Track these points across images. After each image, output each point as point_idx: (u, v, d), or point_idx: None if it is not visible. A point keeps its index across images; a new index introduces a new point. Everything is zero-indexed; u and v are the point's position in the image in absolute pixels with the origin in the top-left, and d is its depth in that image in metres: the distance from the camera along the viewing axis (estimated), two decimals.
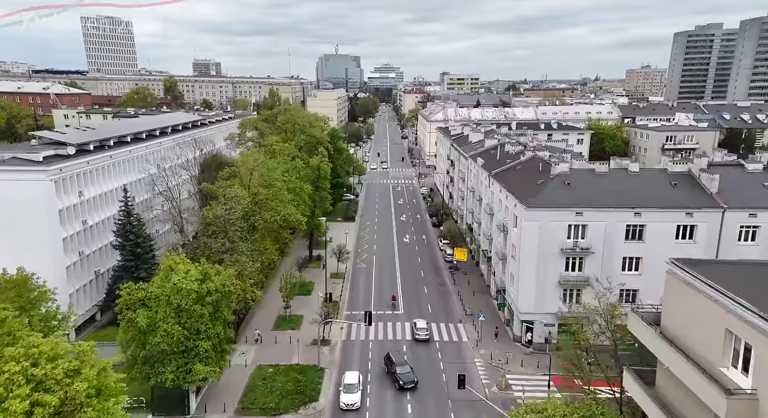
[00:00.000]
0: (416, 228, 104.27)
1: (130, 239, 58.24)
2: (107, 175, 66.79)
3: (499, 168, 71.60)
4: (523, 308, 56.09)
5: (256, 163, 63.47)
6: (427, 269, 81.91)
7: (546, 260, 54.11)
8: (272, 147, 78.46)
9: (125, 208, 58.80)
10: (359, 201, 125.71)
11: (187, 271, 42.28)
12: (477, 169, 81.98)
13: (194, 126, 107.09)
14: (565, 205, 53.38)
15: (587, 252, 53.38)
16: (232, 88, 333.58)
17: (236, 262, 53.03)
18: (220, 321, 44.30)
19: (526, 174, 64.49)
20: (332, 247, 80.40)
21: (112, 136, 74.05)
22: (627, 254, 53.34)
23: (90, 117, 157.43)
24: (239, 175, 63.65)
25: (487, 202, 73.43)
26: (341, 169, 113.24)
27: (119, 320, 42.21)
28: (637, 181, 56.40)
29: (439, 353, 56.09)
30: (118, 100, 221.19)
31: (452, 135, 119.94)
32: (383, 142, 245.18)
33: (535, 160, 67.77)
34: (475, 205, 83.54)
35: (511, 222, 59.91)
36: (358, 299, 70.08)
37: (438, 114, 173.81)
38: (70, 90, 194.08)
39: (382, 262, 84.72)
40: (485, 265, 75.50)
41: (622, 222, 52.71)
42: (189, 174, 70.57)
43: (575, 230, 53.61)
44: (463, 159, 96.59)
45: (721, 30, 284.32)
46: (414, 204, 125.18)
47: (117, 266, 59.55)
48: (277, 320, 63.05)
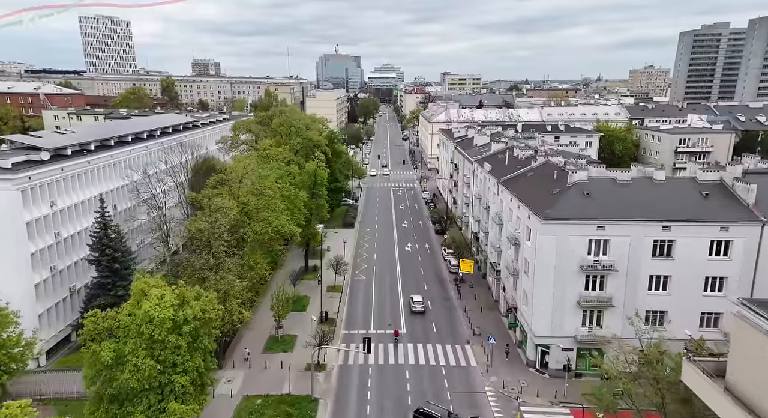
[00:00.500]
0: (418, 235, 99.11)
1: (107, 253, 53.06)
2: (85, 182, 61.64)
3: (509, 174, 66.46)
4: (538, 330, 50.91)
5: (246, 170, 58.26)
6: (430, 281, 76.72)
7: (564, 278, 48.97)
8: (265, 152, 73.25)
9: (101, 219, 53.62)
10: (359, 206, 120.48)
11: (161, 296, 37.12)
12: (484, 175, 76.83)
13: (185, 128, 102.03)
14: (585, 218, 48.22)
15: (609, 270, 48.20)
16: (231, 88, 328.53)
17: (221, 280, 47.93)
18: (199, 351, 39.13)
19: (539, 182, 59.33)
20: (329, 258, 75.28)
21: (94, 139, 68.92)
22: (654, 272, 48.17)
23: (81, 118, 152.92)
24: (227, 183, 58.48)
25: (495, 211, 68.26)
26: (340, 173, 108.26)
27: (83, 351, 37.09)
28: (663, 191, 51.22)
29: (446, 380, 50.89)
30: (113, 100, 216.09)
31: (456, 137, 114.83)
32: (383, 144, 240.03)
33: (548, 167, 62.64)
34: (481, 214, 78.38)
35: (523, 235, 54.74)
36: (356, 316, 64.87)
37: (440, 115, 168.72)
38: (62, 90, 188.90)
39: (382, 273, 79.55)
40: (493, 278, 70.34)
41: (649, 237, 47.55)
42: (175, 181, 65.39)
43: (596, 246, 48.45)
44: (468, 163, 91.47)
45: (728, 29, 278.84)
46: (416, 209, 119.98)
47: (92, 283, 54.38)
48: (268, 341, 57.86)
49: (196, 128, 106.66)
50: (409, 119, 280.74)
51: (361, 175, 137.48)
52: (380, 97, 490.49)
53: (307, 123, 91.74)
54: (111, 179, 67.07)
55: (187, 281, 48.14)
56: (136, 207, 68.86)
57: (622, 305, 48.74)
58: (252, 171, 59.16)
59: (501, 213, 65.38)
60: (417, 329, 61.55)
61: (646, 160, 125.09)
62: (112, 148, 70.04)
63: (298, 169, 73.48)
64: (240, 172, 58.13)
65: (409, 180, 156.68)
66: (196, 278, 47.91)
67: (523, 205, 54.33)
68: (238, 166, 59.02)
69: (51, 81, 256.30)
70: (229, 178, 58.35)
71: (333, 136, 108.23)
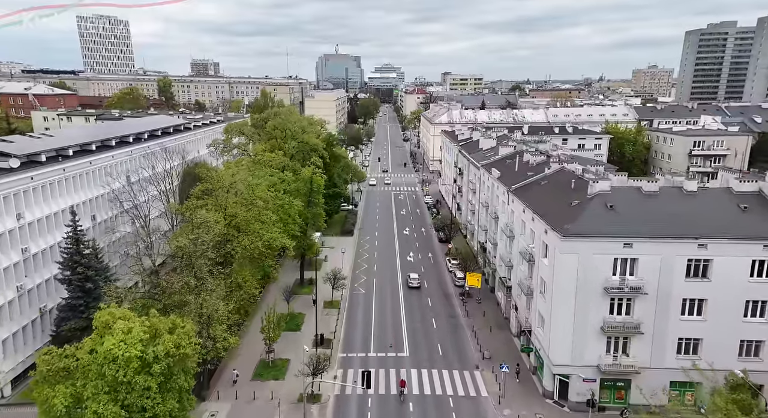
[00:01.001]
0: (421, 244, 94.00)
1: (79, 272, 47.96)
2: (59, 192, 56.53)
3: (520, 182, 61.33)
4: (557, 358, 45.79)
5: (234, 179, 53.13)
6: (434, 295, 71.62)
7: (586, 300, 43.88)
8: (258, 157, 68.15)
9: (73, 233, 48.52)
10: (358, 212, 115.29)
11: (128, 330, 32.09)
12: (492, 181, 71.71)
13: (176, 131, 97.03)
14: (610, 234, 43.11)
15: (638, 292, 43.10)
16: (229, 88, 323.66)
17: (204, 303, 42.85)
18: (173, 392, 34.09)
19: (554, 192, 54.22)
20: (326, 271, 70.16)
21: (72, 144, 63.94)
22: (688, 295, 43.09)
23: (71, 119, 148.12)
24: (214, 193, 53.37)
25: (505, 221, 63.13)
26: (338, 177, 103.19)
27: (34, 398, 32.02)
28: (696, 203, 46.11)
29: (454, 413, 45.76)
30: (108, 101, 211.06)
31: (460, 140, 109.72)
32: (384, 145, 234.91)
33: (564, 175, 57.56)
34: (489, 223, 73.26)
35: (539, 251, 49.63)
36: (355, 337, 59.70)
37: (442, 116, 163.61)
38: (54, 90, 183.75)
39: (383, 286, 74.42)
40: (502, 293, 65.24)
41: (683, 256, 42.45)
42: (159, 189, 60.37)
43: (623, 265, 43.40)
44: (474, 168, 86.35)
45: (735, 28, 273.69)
46: (418, 215, 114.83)
47: (63, 304, 49.24)
48: (258, 367, 52.71)
49: (188, 131, 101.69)
50: (410, 120, 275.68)
51: (360, 179, 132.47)
52: (380, 97, 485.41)
53: (303, 126, 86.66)
54: (89, 188, 61.97)
55: (166, 304, 43.28)
56: (117, 218, 63.99)
57: (651, 331, 43.68)
58: (241, 180, 53.96)
59: (512, 225, 60.25)
60: (421, 350, 56.46)
61: (657, 163, 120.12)
62: (92, 154, 64.95)
63: (293, 175, 68.25)
64: (228, 181, 52.99)
65: (411, 183, 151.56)
66: (175, 301, 42.83)
67: (539, 218, 49.22)
68: (226, 175, 53.84)
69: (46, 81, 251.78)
70: (216, 187, 53.22)
71: (331, 140, 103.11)
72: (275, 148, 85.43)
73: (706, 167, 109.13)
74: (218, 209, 52.08)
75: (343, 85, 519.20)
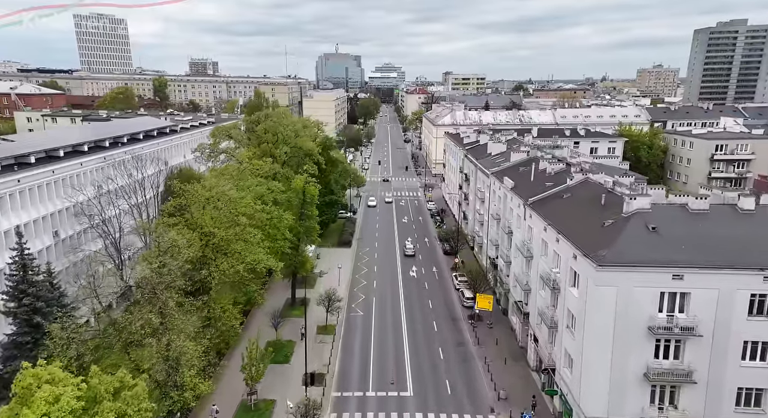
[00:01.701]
0: (424, 256, 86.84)
1: (25, 303, 40.80)
2: (10, 206, 49.44)
3: (538, 195, 54.20)
4: (589, 407, 38.62)
5: (211, 194, 45.93)
6: (441, 317, 64.43)
7: (626, 341, 36.77)
8: (243, 166, 60.99)
9: (20, 258, 41.36)
10: (357, 220, 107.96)
11: (56, 398, 24.98)
12: (504, 192, 64.58)
13: (161, 134, 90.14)
14: (656, 263, 35.97)
15: (689, 333, 35.97)
16: (226, 88, 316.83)
17: (169, 344, 35.76)
18: None
19: (581, 207, 47.08)
20: (320, 292, 62.96)
21: (36, 150, 57.02)
22: (750, 337, 35.97)
23: (56, 120, 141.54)
24: (189, 209, 46.19)
25: (521, 239, 55.92)
26: (336, 184, 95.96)
27: None
28: (754, 224, 38.99)
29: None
30: (98, 100, 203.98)
31: (466, 144, 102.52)
32: (384, 146, 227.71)
33: (590, 187, 50.48)
34: (501, 238, 66.10)
35: (565, 278, 42.49)
36: (351, 372, 52.36)
37: (445, 117, 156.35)
38: (41, 90, 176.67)
39: (383, 307, 67.23)
40: (517, 319, 58.11)
41: (745, 290, 35.33)
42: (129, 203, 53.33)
43: (671, 300, 36.30)
44: (482, 175, 79.18)
45: (746, 27, 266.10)
46: (420, 223, 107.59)
47: (7, 341, 42.08)
48: (238, 411, 45.48)
49: (174, 134, 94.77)
50: (411, 121, 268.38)
51: (360, 184, 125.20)
52: (381, 97, 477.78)
53: (297, 129, 79.31)
54: (52, 201, 54.92)
55: (126, 342, 36.25)
56: (82, 234, 56.97)
57: (705, 379, 36.54)
58: (220, 194, 46.69)
59: (529, 243, 53.06)
60: (427, 388, 49.29)
61: (675, 168, 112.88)
62: (58, 161, 58.05)
63: (284, 184, 60.94)
64: (204, 195, 45.79)
65: (413, 188, 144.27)
66: (133, 342, 35.74)
67: (566, 239, 42.07)
68: (202, 189, 46.57)
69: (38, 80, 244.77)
70: (191, 203, 46.01)
71: (327, 143, 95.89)
72: (266, 153, 78.43)
73: (729, 173, 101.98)
74: (193, 228, 44.93)
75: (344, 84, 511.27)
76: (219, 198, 46.37)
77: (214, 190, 45.84)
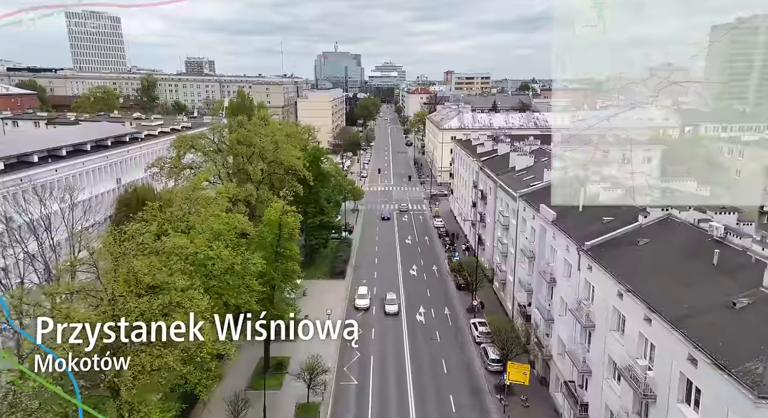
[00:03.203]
0: (433, 292, 71.79)
1: None
2: None
3: (597, 238, 39.17)
4: None
5: (123, 249, 30.59)
6: (459, 389, 49.25)
7: None
8: (197, 193, 45.87)
9: None
10: (353, 242, 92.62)
11: None
12: (540, 224, 49.58)
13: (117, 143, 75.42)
14: None
15: None
16: (220, 87, 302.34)
17: None
18: None
19: (675, 265, 32.01)
20: (302, 358, 47.81)
21: None
22: None
23: (18, 124, 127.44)
24: (99, 277, 30.94)
25: (575, 297, 40.75)
26: (327, 202, 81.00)
27: None
28: None
29: None
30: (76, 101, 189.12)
31: (480, 154, 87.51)
32: (385, 151, 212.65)
33: (678, 231, 35.58)
34: (537, 283, 51.07)
35: (669, 386, 27.40)
36: None
37: (452, 120, 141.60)
38: (9, 90, 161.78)
39: (384, 372, 52.08)
40: (566, 398, 42.99)
41: None
42: (24, 249, 38.21)
43: None
44: (507, 197, 64.22)
45: None
46: (427, 246, 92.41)
47: None
48: None
49: (135, 143, 79.94)
50: (414, 122, 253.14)
51: (357, 197, 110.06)
52: (381, 96, 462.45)
53: (277, 140, 64.19)
54: None
55: None
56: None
57: None
58: (142, 247, 31.42)
59: (589, 309, 37.90)
60: None
61: None
62: None
63: (245, 219, 45.42)
64: (115, 252, 30.47)
65: (416, 200, 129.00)
66: None
67: (671, 328, 26.95)
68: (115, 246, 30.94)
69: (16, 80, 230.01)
70: (95, 260, 30.80)
71: (318, 155, 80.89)
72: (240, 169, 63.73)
73: None
74: (99, 302, 29.81)
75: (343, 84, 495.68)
76: (142, 254, 31.12)
77: (127, 246, 30.50)
